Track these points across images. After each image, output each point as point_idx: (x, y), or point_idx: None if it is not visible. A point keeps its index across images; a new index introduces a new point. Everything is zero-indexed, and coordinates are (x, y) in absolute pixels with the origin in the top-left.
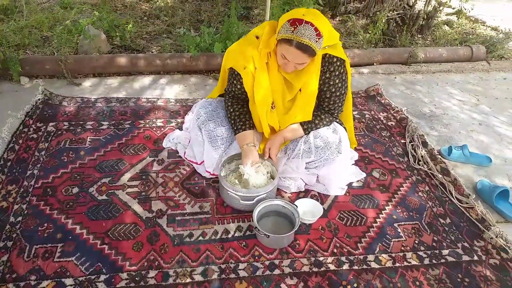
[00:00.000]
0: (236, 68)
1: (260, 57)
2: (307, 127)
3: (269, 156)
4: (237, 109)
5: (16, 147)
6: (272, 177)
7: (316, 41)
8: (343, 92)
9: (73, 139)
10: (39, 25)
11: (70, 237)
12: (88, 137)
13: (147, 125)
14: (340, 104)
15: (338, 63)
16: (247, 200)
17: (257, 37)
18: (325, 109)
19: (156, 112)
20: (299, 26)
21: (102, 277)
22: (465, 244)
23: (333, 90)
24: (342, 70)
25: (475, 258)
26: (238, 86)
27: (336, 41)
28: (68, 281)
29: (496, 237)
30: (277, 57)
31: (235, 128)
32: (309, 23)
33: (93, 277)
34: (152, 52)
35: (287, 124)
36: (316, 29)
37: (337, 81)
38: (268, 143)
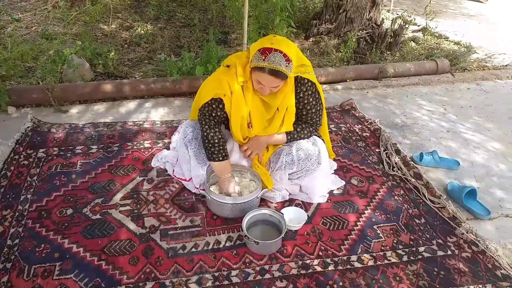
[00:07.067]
0: (217, 96)
1: (237, 82)
2: (290, 137)
3: (248, 156)
4: (221, 137)
5: (8, 173)
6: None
7: (286, 66)
8: (318, 108)
9: (64, 163)
10: (23, 57)
11: (68, 256)
12: (79, 161)
13: (135, 147)
14: (318, 119)
15: (309, 84)
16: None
17: (228, 66)
18: (303, 121)
19: (143, 134)
20: (269, 54)
21: None
22: (439, 240)
23: (308, 107)
24: (314, 89)
25: (449, 252)
26: (224, 111)
27: (305, 62)
28: None
29: (467, 232)
30: (253, 82)
31: (219, 155)
32: (277, 50)
33: None
34: (135, 77)
35: None
36: (284, 55)
37: (310, 99)
38: (249, 143)
